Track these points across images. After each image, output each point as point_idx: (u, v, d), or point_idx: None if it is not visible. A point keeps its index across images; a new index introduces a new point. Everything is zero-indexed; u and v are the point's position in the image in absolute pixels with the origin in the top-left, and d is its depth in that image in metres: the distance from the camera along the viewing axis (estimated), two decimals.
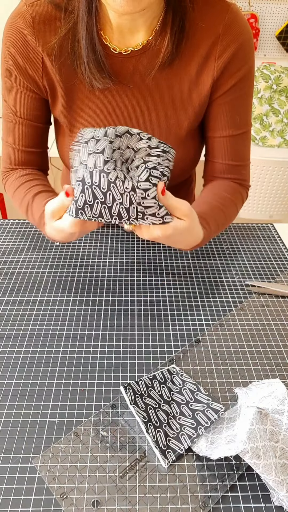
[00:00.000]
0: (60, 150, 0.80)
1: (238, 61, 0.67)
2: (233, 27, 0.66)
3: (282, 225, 0.91)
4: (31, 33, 0.65)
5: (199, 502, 0.44)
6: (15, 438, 0.49)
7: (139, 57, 0.67)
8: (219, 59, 0.67)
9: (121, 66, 0.68)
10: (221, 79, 0.68)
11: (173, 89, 0.70)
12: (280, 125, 1.90)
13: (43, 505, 0.43)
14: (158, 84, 0.69)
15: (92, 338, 0.62)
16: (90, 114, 0.72)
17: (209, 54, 0.67)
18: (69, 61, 0.67)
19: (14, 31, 0.66)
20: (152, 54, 0.67)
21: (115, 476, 0.45)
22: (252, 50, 0.69)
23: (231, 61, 0.67)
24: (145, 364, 0.58)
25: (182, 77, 0.69)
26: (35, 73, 0.68)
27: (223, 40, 0.66)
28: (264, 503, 0.44)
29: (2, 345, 0.60)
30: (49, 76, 0.69)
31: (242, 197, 0.78)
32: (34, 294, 0.70)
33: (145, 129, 0.72)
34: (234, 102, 0.71)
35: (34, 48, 0.66)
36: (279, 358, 0.60)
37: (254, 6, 2.05)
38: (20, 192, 0.74)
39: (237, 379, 0.57)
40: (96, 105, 0.71)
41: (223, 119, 0.72)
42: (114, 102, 0.71)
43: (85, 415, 0.51)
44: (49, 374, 0.57)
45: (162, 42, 0.65)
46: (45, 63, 0.67)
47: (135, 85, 0.69)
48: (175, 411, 0.52)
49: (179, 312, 0.67)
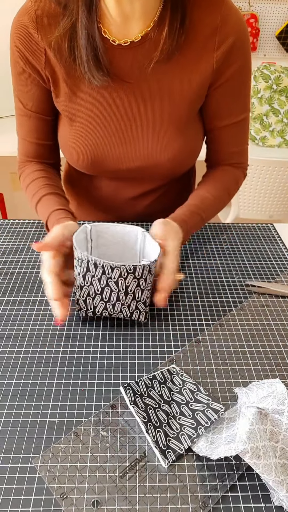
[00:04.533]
0: (62, 142, 0.81)
1: (237, 51, 0.70)
2: (230, 18, 0.68)
3: (282, 225, 0.91)
4: (34, 27, 0.68)
5: (199, 502, 0.44)
6: (15, 438, 0.49)
7: (138, 48, 0.69)
8: (218, 50, 0.69)
9: (120, 57, 0.69)
10: (221, 69, 0.71)
11: (172, 81, 0.71)
12: (280, 125, 1.90)
13: (43, 505, 0.43)
14: (157, 76, 0.71)
15: (92, 338, 0.62)
16: (91, 106, 0.73)
17: (207, 45, 0.69)
18: (68, 57, 0.69)
19: (19, 26, 0.69)
20: (150, 46, 0.68)
21: (115, 476, 0.45)
22: (248, 39, 0.72)
23: (230, 51, 0.69)
24: (145, 364, 0.58)
25: (180, 68, 0.70)
26: (38, 64, 0.71)
27: (221, 31, 0.68)
28: (264, 503, 0.44)
29: (2, 345, 0.60)
30: (51, 67, 0.71)
31: (236, 181, 0.85)
32: (34, 294, 0.70)
33: (145, 120, 0.74)
34: (235, 90, 0.74)
35: (37, 41, 0.69)
36: (279, 358, 0.60)
37: (254, 6, 2.05)
38: (31, 190, 0.80)
39: (237, 379, 0.57)
40: (97, 97, 0.73)
41: (224, 108, 0.76)
42: (114, 93, 0.72)
43: (85, 415, 0.51)
44: (49, 374, 0.56)
45: (160, 34, 0.67)
46: (47, 55, 0.70)
47: (134, 77, 0.71)
48: (175, 411, 0.52)
49: (179, 312, 0.67)
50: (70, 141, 0.78)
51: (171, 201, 0.91)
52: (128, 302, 0.60)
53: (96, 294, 0.60)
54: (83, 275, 0.58)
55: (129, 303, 0.61)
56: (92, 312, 0.62)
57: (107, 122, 0.74)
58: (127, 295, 0.59)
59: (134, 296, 0.60)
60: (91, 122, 0.74)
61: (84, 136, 0.76)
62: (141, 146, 0.76)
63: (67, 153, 0.81)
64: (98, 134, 0.75)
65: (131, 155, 0.77)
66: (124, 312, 0.62)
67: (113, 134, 0.75)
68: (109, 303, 0.61)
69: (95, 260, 0.56)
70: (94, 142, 0.76)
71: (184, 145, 0.77)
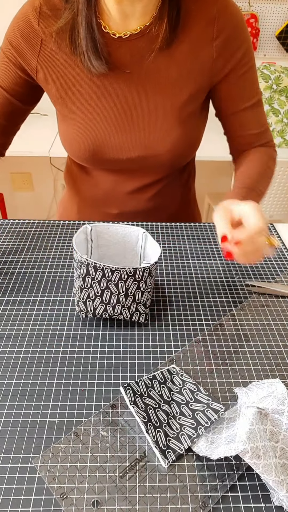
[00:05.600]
0: (62, 135, 0.82)
1: (236, 40, 0.72)
2: (227, 9, 0.70)
3: (282, 225, 0.91)
4: (35, 17, 0.71)
5: (199, 502, 0.44)
6: (15, 438, 0.49)
7: (137, 40, 0.70)
8: (216, 39, 0.71)
9: (120, 49, 0.71)
10: (222, 58, 0.72)
11: (170, 71, 0.73)
12: (280, 125, 1.90)
13: (43, 505, 0.43)
14: (155, 67, 0.72)
15: (92, 338, 0.62)
16: (90, 96, 0.75)
17: (204, 35, 0.71)
18: (68, 48, 0.71)
19: (21, 15, 0.73)
20: (150, 38, 0.70)
21: (115, 476, 0.45)
22: (246, 28, 0.74)
23: (229, 40, 0.71)
24: (145, 364, 0.58)
25: (178, 58, 0.72)
26: (31, 52, 0.73)
27: (219, 21, 0.70)
28: (264, 503, 0.44)
29: (2, 345, 0.60)
30: (45, 59, 0.73)
31: (269, 154, 0.84)
32: (34, 294, 0.70)
33: (144, 110, 0.75)
34: (242, 77, 0.76)
35: (36, 30, 0.71)
36: (279, 358, 0.60)
37: (254, 6, 2.05)
38: None
39: (237, 379, 0.57)
40: (95, 88, 0.74)
41: (235, 95, 0.77)
42: (113, 84, 0.74)
43: (85, 415, 0.51)
44: (49, 374, 0.56)
45: (160, 27, 0.68)
46: (43, 45, 0.72)
47: (133, 68, 0.72)
48: (175, 411, 0.52)
49: (179, 312, 0.67)
50: (70, 132, 0.79)
51: (171, 197, 0.92)
52: (128, 304, 0.60)
53: (96, 297, 0.60)
54: (82, 277, 0.58)
55: (129, 305, 0.61)
56: (92, 314, 0.62)
57: (106, 112, 0.75)
58: (127, 297, 0.60)
59: (134, 298, 0.60)
60: (90, 112, 0.76)
61: (84, 127, 0.77)
62: (140, 135, 0.77)
63: (68, 145, 0.82)
64: (98, 125, 0.76)
65: (131, 144, 0.78)
66: (124, 314, 0.62)
67: (112, 124, 0.76)
68: (109, 305, 0.61)
69: (95, 263, 0.56)
70: (94, 132, 0.77)
71: (184, 135, 0.78)
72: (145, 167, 0.83)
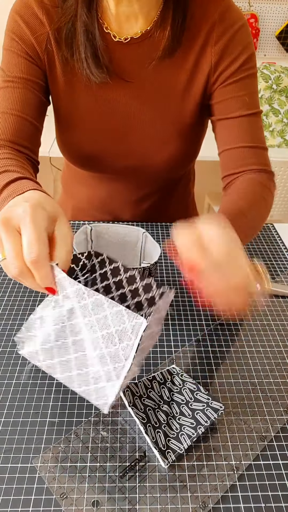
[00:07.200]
0: (59, 138, 0.80)
1: (236, 45, 0.68)
2: (228, 14, 0.68)
3: (282, 225, 0.91)
4: (40, 7, 0.66)
5: (199, 502, 0.44)
6: (15, 438, 0.49)
7: (138, 45, 0.68)
8: (215, 45, 0.68)
9: (120, 54, 0.69)
10: (220, 64, 0.69)
11: (171, 80, 0.70)
12: (280, 125, 1.90)
13: (43, 505, 0.43)
14: (156, 75, 0.70)
15: None
16: (88, 104, 0.72)
17: (206, 42, 0.68)
18: (66, 52, 0.68)
19: (23, 5, 0.67)
20: (151, 44, 0.68)
21: (115, 476, 0.45)
22: (249, 35, 0.70)
23: (228, 46, 0.68)
24: (145, 364, 0.58)
25: (180, 68, 0.70)
26: (38, 45, 0.68)
27: (219, 26, 0.67)
28: (264, 503, 0.44)
29: (2, 345, 0.60)
30: (50, 54, 0.69)
31: (268, 185, 0.72)
32: (34, 294, 0.70)
33: (144, 119, 0.73)
34: (240, 85, 0.71)
35: (42, 22, 0.67)
36: (279, 358, 0.60)
37: (254, 6, 2.05)
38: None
39: (237, 379, 0.57)
40: (95, 93, 0.71)
41: (231, 101, 0.71)
42: (113, 93, 0.71)
43: (85, 415, 0.51)
44: (49, 374, 0.56)
45: (162, 34, 0.66)
46: (49, 40, 0.68)
47: (133, 76, 0.70)
48: (175, 411, 0.52)
49: (179, 312, 0.67)
50: (66, 136, 0.77)
51: (170, 206, 0.91)
52: None
53: None
54: None
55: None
56: None
57: (104, 119, 0.74)
58: None
59: None
60: (88, 118, 0.74)
61: (80, 132, 0.75)
62: (137, 144, 0.76)
63: (63, 149, 0.80)
64: (95, 131, 0.75)
65: (127, 153, 0.77)
66: None
67: (110, 130, 0.75)
68: None
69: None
70: (90, 138, 0.75)
71: (181, 148, 0.76)
72: (142, 177, 0.81)
